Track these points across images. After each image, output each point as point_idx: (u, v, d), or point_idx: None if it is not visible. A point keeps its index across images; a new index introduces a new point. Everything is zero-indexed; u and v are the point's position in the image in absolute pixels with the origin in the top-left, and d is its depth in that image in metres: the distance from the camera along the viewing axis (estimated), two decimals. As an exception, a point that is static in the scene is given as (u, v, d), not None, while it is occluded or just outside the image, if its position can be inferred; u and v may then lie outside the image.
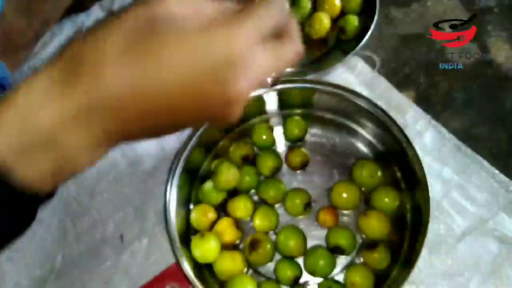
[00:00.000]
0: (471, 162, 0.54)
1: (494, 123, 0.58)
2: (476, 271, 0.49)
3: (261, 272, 0.50)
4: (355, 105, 0.52)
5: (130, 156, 0.58)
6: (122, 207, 0.56)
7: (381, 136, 0.53)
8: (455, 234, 0.51)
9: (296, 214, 0.52)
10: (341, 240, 0.48)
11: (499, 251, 0.50)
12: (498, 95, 0.59)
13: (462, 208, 0.52)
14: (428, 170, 0.48)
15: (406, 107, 0.57)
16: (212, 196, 0.52)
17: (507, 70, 0.61)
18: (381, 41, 0.63)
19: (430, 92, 0.60)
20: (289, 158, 0.54)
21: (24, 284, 0.53)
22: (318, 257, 0.48)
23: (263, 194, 0.52)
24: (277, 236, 0.50)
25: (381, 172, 0.52)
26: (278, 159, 0.54)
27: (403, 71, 0.62)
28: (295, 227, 0.50)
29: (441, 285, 0.49)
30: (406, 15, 0.65)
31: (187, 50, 0.23)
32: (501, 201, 0.52)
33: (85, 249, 0.54)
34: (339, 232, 0.49)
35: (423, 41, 0.63)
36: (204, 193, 0.52)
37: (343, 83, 0.54)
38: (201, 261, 0.48)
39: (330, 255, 0.49)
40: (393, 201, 0.50)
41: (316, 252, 0.49)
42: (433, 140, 0.55)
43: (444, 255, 0.50)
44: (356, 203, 0.51)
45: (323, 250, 0.49)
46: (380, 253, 0.48)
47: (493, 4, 0.65)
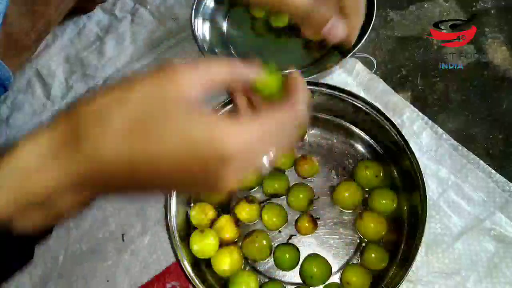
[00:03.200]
0: (468, 162, 0.54)
1: (490, 124, 0.58)
2: (473, 270, 0.50)
3: (260, 270, 0.51)
4: (353, 106, 0.53)
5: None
6: (124, 206, 0.56)
7: (378, 136, 0.54)
8: (452, 234, 0.51)
9: (299, 208, 0.52)
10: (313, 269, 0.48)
11: (495, 250, 0.50)
12: (494, 96, 0.60)
13: (459, 208, 0.53)
14: (424, 170, 0.49)
15: (403, 108, 0.58)
16: (213, 195, 0.52)
17: (503, 71, 0.61)
18: (379, 43, 0.64)
19: (427, 93, 0.61)
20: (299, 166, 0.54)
21: (27, 283, 0.54)
22: (313, 265, 0.49)
23: (269, 188, 0.53)
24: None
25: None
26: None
27: (400, 72, 0.62)
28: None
29: (438, 284, 0.49)
30: (403, 17, 0.66)
31: (186, 140, 0.24)
32: (498, 200, 0.52)
33: (87, 248, 0.55)
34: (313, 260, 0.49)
35: (420, 43, 0.64)
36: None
37: (341, 84, 0.55)
38: (200, 256, 0.49)
39: (325, 263, 0.49)
40: (392, 202, 0.51)
41: (311, 260, 0.49)
42: (429, 141, 0.56)
43: (441, 254, 0.51)
44: (359, 203, 0.52)
45: (319, 258, 0.49)
46: (378, 254, 0.48)
47: (489, 6, 0.66)
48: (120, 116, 0.24)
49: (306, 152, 0.55)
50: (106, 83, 0.64)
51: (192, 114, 0.24)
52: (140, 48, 0.66)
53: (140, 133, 0.23)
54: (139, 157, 0.24)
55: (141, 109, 0.24)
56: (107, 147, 0.23)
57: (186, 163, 0.24)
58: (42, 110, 0.63)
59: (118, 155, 0.23)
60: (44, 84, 0.65)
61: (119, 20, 0.68)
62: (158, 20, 0.67)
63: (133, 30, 0.67)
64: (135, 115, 0.24)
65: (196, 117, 0.24)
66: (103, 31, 0.68)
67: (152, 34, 0.66)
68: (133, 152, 0.23)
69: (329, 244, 0.51)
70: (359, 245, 0.51)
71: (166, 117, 0.24)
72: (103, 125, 0.24)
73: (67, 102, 0.63)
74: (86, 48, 0.67)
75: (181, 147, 0.24)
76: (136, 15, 0.68)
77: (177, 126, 0.24)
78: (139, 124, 0.23)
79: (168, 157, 0.24)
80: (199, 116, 0.24)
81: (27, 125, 0.62)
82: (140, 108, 0.24)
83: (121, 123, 0.23)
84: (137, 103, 0.24)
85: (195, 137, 0.24)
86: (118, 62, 0.65)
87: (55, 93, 0.64)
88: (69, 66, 0.66)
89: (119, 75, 0.64)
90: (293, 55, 0.64)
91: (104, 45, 0.66)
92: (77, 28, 0.68)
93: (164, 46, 0.65)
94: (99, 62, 0.65)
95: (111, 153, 0.23)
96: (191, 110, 0.24)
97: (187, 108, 0.24)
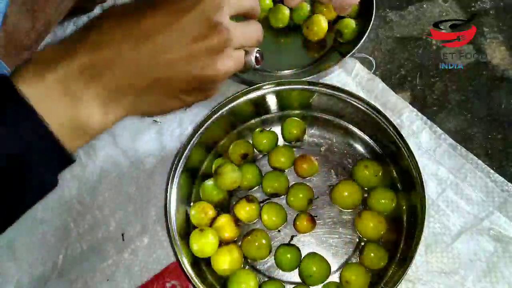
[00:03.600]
0: (467, 161, 0.55)
1: (489, 123, 0.59)
2: (472, 269, 0.50)
3: (260, 269, 0.51)
4: (352, 106, 0.53)
5: (131, 156, 0.59)
6: (124, 206, 0.56)
7: (377, 136, 0.54)
8: (451, 233, 0.52)
9: (299, 208, 0.52)
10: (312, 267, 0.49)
11: (494, 249, 0.51)
12: (493, 96, 0.60)
13: (458, 207, 0.53)
14: (423, 169, 0.49)
15: (402, 108, 0.58)
16: (213, 195, 0.52)
17: (502, 71, 0.62)
18: (378, 44, 0.64)
19: (426, 93, 0.61)
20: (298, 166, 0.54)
21: (26, 282, 0.54)
22: (312, 263, 0.49)
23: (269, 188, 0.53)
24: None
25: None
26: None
27: (400, 72, 0.63)
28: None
29: (437, 283, 0.50)
30: (402, 17, 0.66)
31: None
32: (496, 200, 0.53)
33: (87, 247, 0.55)
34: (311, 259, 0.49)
35: (419, 43, 0.64)
36: (205, 191, 0.53)
37: (340, 84, 0.55)
38: (200, 256, 0.49)
39: (324, 262, 0.49)
40: (391, 202, 0.51)
41: (310, 259, 0.49)
42: (428, 140, 0.56)
43: (440, 253, 0.51)
44: (359, 202, 0.52)
45: (318, 256, 0.49)
46: (377, 253, 0.48)
47: (488, 6, 0.66)
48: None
49: (305, 152, 0.55)
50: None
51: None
52: (140, 48, 0.66)
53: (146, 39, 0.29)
54: (154, 56, 0.29)
55: None
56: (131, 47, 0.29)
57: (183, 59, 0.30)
58: (42, 110, 0.64)
59: (137, 55, 0.29)
60: (44, 84, 0.65)
61: (119, 20, 0.68)
62: (158, 20, 0.67)
63: (133, 30, 0.67)
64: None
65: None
66: (103, 31, 0.68)
67: (152, 34, 0.66)
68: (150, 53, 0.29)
69: (328, 243, 0.51)
70: (358, 245, 0.51)
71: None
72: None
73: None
74: (86, 48, 0.67)
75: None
76: (136, 15, 0.68)
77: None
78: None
79: (171, 53, 0.30)
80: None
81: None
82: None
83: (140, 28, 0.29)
84: None
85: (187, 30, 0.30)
86: (118, 62, 0.65)
87: (55, 93, 0.64)
88: (69, 66, 0.66)
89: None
90: (293, 55, 0.64)
91: (104, 45, 0.66)
92: (77, 28, 0.68)
93: (164, 46, 0.65)
94: (99, 62, 0.66)
95: (131, 53, 0.29)
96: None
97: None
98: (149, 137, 0.60)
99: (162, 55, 0.29)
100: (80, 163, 0.59)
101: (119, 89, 0.29)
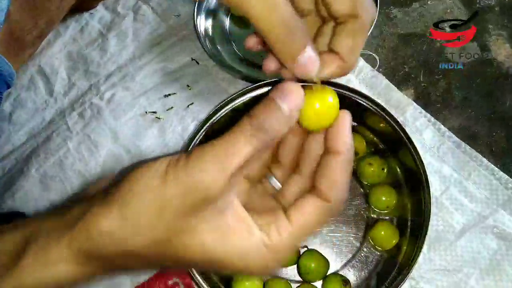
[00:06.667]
0: (470, 159, 0.54)
1: (493, 121, 0.58)
2: (475, 267, 0.50)
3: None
4: (355, 103, 0.53)
5: (134, 153, 0.59)
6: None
7: (381, 134, 0.54)
8: (455, 231, 0.51)
9: None
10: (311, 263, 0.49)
11: (498, 247, 0.50)
12: (497, 93, 0.60)
13: (461, 205, 0.53)
14: (427, 167, 0.49)
15: (406, 105, 0.58)
16: None
17: (507, 69, 0.61)
18: (382, 40, 0.64)
19: (430, 91, 0.60)
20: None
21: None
22: (311, 260, 0.49)
23: None
24: None
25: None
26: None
27: (403, 69, 0.62)
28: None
29: (440, 281, 0.49)
30: (406, 14, 0.66)
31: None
32: (500, 198, 0.52)
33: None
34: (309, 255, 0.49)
35: (423, 40, 0.64)
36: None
37: (344, 81, 0.55)
38: None
39: (322, 258, 0.49)
40: (391, 199, 0.51)
41: (308, 256, 0.49)
42: (432, 138, 0.56)
43: (443, 251, 0.51)
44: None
45: (316, 253, 0.49)
46: (387, 229, 0.49)
47: (493, 3, 0.65)
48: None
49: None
50: (108, 80, 0.64)
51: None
52: (143, 45, 0.66)
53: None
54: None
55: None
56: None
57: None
58: (45, 107, 0.64)
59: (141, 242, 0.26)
60: (47, 81, 0.65)
61: (121, 17, 0.68)
62: (160, 17, 0.67)
63: (136, 27, 0.67)
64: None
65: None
66: (105, 28, 0.68)
67: (155, 31, 0.66)
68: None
69: (331, 241, 0.51)
70: (361, 243, 0.51)
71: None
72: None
73: (69, 99, 0.63)
74: (88, 45, 0.67)
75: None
76: (139, 12, 0.68)
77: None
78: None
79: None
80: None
81: (29, 122, 0.62)
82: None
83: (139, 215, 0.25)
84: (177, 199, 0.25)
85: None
86: (120, 59, 0.65)
87: (57, 90, 0.64)
88: (71, 63, 0.66)
89: (121, 72, 0.64)
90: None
91: (107, 42, 0.66)
92: (79, 26, 0.68)
93: (166, 43, 0.65)
94: (102, 59, 0.65)
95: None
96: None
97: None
98: (151, 134, 0.60)
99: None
100: (82, 159, 0.59)
101: (110, 268, 0.28)
